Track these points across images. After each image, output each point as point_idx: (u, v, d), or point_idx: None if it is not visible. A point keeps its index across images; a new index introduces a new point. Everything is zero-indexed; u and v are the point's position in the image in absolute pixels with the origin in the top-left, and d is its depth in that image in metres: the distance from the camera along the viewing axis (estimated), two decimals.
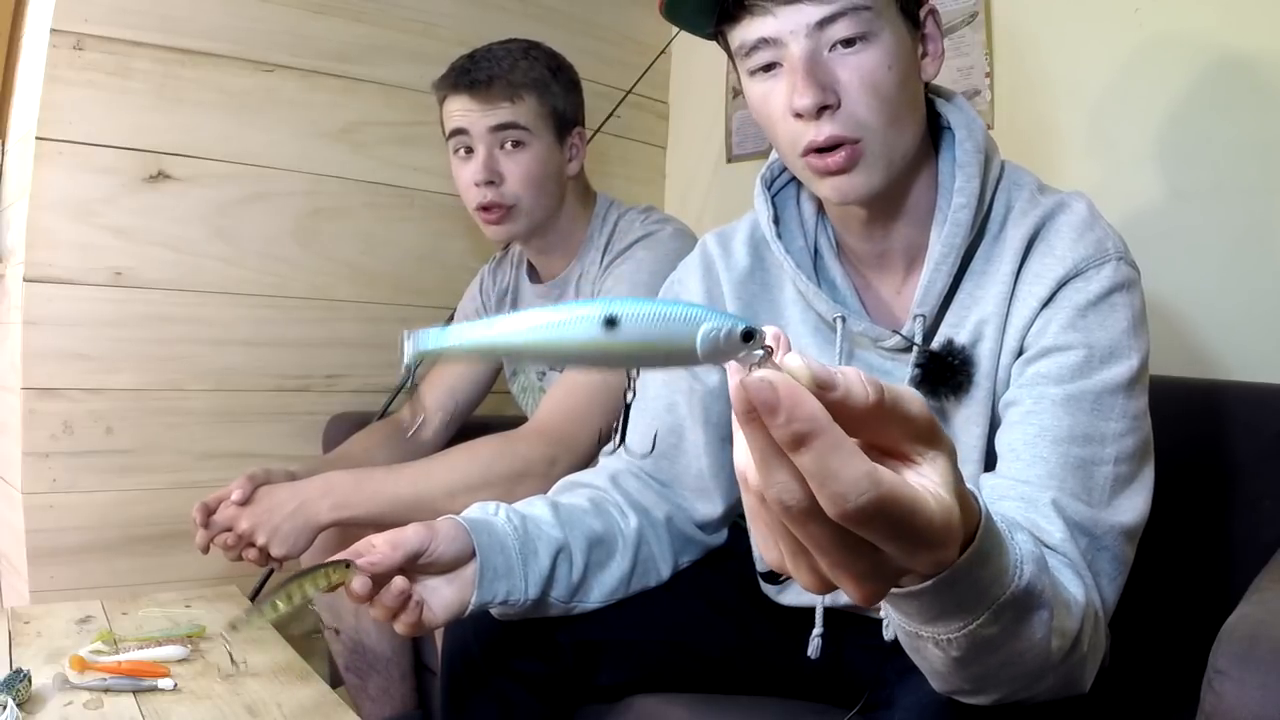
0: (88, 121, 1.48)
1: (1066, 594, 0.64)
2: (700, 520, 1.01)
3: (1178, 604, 1.12)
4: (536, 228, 1.40)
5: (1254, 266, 1.32)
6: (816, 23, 0.78)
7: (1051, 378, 0.78)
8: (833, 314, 0.89)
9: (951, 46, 1.63)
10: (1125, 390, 0.78)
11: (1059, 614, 0.60)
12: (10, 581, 1.59)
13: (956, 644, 0.53)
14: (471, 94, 1.33)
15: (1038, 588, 0.56)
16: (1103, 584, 0.73)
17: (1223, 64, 1.34)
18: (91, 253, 1.50)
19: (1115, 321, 0.79)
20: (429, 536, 0.79)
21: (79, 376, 1.50)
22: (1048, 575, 0.59)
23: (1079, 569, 0.71)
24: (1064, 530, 0.72)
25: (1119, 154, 1.45)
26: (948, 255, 0.83)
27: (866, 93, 0.79)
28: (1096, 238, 0.81)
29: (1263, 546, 1.00)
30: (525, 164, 1.34)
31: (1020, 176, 0.88)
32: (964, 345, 0.83)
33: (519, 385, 1.56)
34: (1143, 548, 1.16)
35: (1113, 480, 0.76)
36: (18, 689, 0.93)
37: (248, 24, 1.61)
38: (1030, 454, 0.76)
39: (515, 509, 0.90)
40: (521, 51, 1.36)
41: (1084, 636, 0.64)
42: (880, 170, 0.82)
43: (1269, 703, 0.62)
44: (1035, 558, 0.57)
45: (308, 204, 1.71)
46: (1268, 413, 1.13)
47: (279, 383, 1.70)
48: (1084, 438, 0.76)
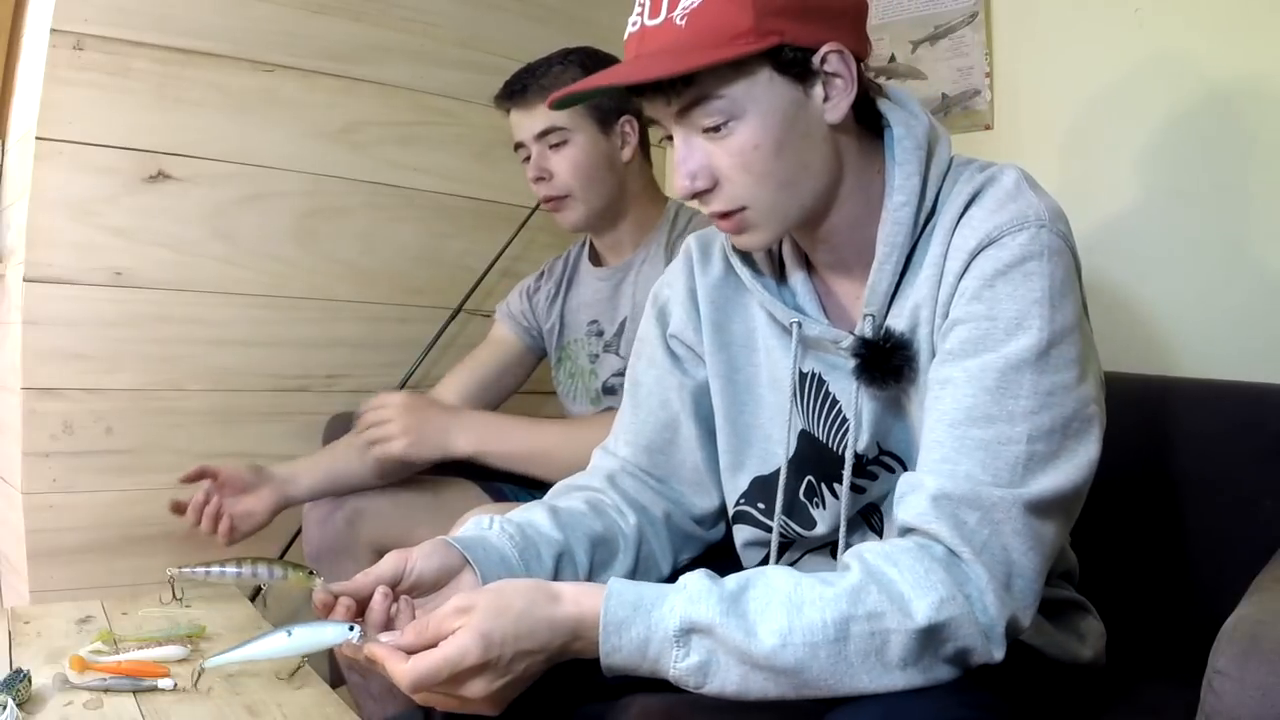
0: (87, 121, 1.48)
1: (896, 590, 0.69)
2: (698, 515, 1.01)
3: (1178, 604, 1.12)
4: (599, 213, 1.45)
5: (1254, 266, 1.32)
6: (677, 113, 0.80)
7: (955, 353, 0.77)
8: (788, 320, 0.90)
9: (951, 46, 1.63)
10: (1035, 364, 0.74)
11: (872, 621, 0.68)
12: (10, 581, 1.59)
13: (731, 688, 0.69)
14: (515, 105, 1.43)
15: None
16: (1014, 558, 0.72)
17: (1222, 64, 1.34)
18: (91, 253, 1.50)
19: (1026, 291, 0.75)
20: (402, 561, 0.80)
21: (79, 376, 1.50)
22: (844, 598, 0.69)
23: (955, 550, 0.71)
24: (933, 509, 0.72)
25: (1119, 154, 1.45)
26: (890, 254, 0.83)
27: (739, 173, 0.81)
28: (1018, 207, 0.78)
29: (1263, 546, 0.99)
30: (570, 158, 1.41)
31: (965, 163, 0.87)
32: (901, 332, 0.83)
33: (565, 371, 1.57)
34: (1143, 547, 1.16)
35: (1026, 459, 0.73)
36: (18, 689, 0.93)
37: (247, 24, 1.61)
38: (929, 439, 0.77)
39: (509, 519, 0.89)
40: (560, 56, 1.43)
41: (939, 626, 0.68)
42: (773, 227, 0.84)
43: (1269, 703, 0.62)
44: (786, 597, 0.69)
45: (307, 204, 1.71)
46: (1268, 413, 1.13)
47: (278, 383, 1.70)
48: (986, 418, 0.74)
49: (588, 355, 1.53)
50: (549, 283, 1.60)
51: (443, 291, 1.71)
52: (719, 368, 0.97)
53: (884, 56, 1.72)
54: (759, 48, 0.76)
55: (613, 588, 0.71)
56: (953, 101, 1.64)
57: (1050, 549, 0.75)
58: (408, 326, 1.79)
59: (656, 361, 1.02)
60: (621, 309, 1.49)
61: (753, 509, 0.97)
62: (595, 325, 1.53)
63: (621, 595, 0.71)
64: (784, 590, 0.70)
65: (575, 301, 1.57)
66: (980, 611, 0.70)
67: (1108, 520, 1.18)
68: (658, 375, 1.01)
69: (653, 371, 1.02)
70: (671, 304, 1.01)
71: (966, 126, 1.62)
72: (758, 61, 0.78)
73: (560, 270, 1.60)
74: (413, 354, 1.65)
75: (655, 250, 1.45)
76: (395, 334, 1.79)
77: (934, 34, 1.66)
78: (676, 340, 1.00)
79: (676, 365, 1.00)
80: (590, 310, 1.54)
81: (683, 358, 1.00)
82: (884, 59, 1.72)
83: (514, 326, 1.61)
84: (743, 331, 0.97)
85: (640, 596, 0.71)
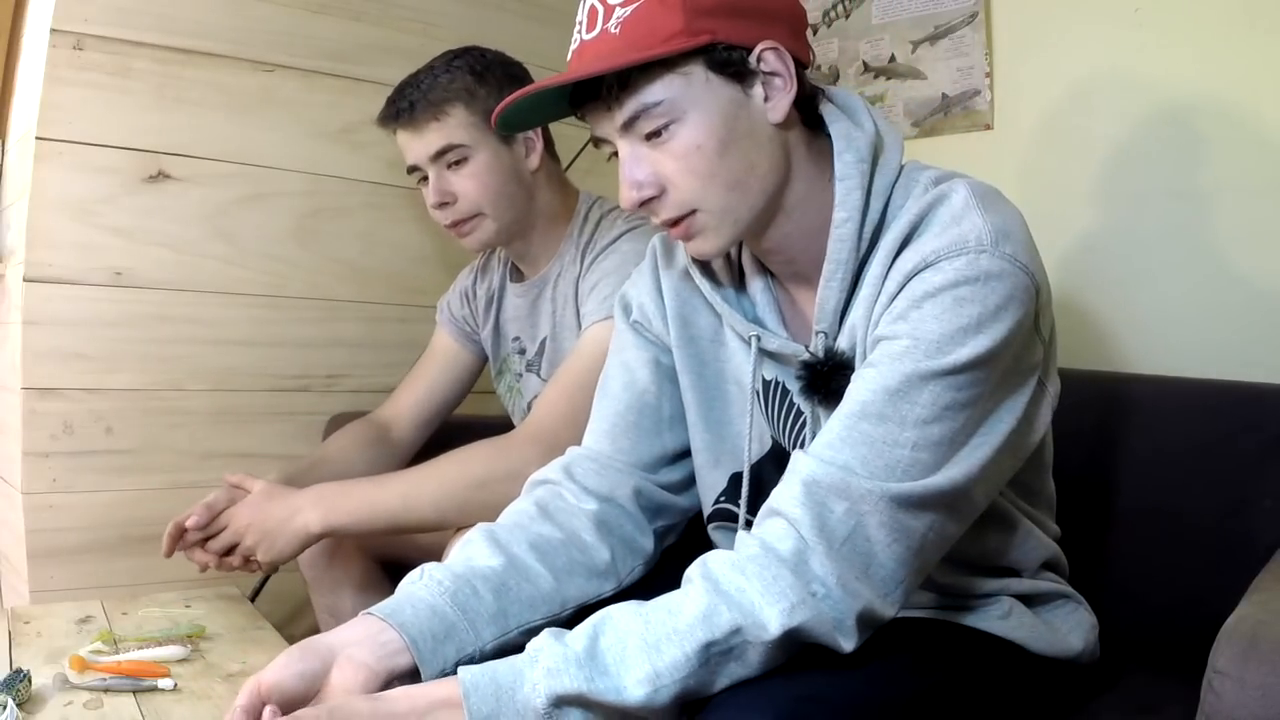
0: (88, 121, 1.48)
1: (746, 601, 0.71)
2: (666, 483, 0.99)
3: (1178, 604, 1.12)
4: (510, 229, 1.38)
5: (1254, 266, 1.32)
6: (621, 126, 0.82)
7: (871, 363, 0.78)
8: (747, 333, 0.90)
9: (951, 46, 1.63)
10: (943, 380, 0.74)
11: (730, 638, 0.70)
12: (10, 581, 1.59)
13: None
14: (403, 126, 1.32)
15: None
16: (875, 550, 0.73)
17: (1222, 64, 1.34)
18: (91, 253, 1.50)
19: (954, 316, 0.74)
20: (256, 686, 0.74)
21: (79, 376, 1.50)
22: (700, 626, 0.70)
23: (809, 542, 0.72)
24: (801, 496, 0.73)
25: (1119, 154, 1.45)
26: (835, 271, 0.83)
27: (686, 177, 0.81)
28: (960, 231, 0.77)
29: (1263, 546, 1.00)
30: (473, 176, 1.32)
31: (918, 174, 0.86)
32: (842, 351, 0.84)
33: (504, 385, 1.54)
34: (1143, 547, 1.16)
35: (907, 464, 0.74)
36: (18, 689, 0.93)
37: (248, 24, 1.61)
38: (826, 424, 0.78)
39: (441, 565, 0.86)
40: (443, 66, 1.32)
41: (793, 631, 0.70)
42: (725, 230, 0.84)
43: (1269, 703, 0.62)
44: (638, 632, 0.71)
45: (307, 204, 1.71)
46: (1268, 413, 1.13)
47: (278, 383, 1.70)
48: (878, 416, 0.75)
49: (514, 373, 1.50)
50: (483, 285, 1.55)
51: (442, 291, 1.70)
52: (687, 362, 0.97)
53: (884, 56, 1.72)
54: (690, 44, 0.78)
55: (466, 685, 0.69)
56: (953, 101, 1.64)
57: (921, 541, 0.75)
58: (408, 326, 1.79)
59: (622, 346, 1.01)
60: (541, 327, 1.43)
61: (733, 505, 0.96)
62: (519, 342, 1.48)
63: (478, 687, 0.69)
64: (635, 632, 0.71)
65: (504, 315, 1.52)
66: (830, 607, 0.71)
67: (1108, 520, 1.18)
68: (622, 360, 1.01)
69: (617, 359, 1.01)
70: (637, 298, 1.01)
71: (966, 126, 1.62)
72: (692, 60, 0.80)
73: (494, 272, 1.54)
74: (413, 354, 1.65)
75: (570, 258, 1.38)
76: (395, 334, 1.79)
77: (934, 34, 1.66)
78: (642, 325, 1.00)
79: (643, 343, 1.00)
80: (513, 326, 1.49)
81: (650, 339, 1.00)
82: (884, 59, 1.72)
83: (456, 333, 1.57)
84: (710, 326, 0.97)
85: (497, 684, 0.70)
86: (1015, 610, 0.91)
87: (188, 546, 1.23)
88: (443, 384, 1.56)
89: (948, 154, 1.63)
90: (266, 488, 1.22)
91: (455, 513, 1.16)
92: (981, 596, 0.91)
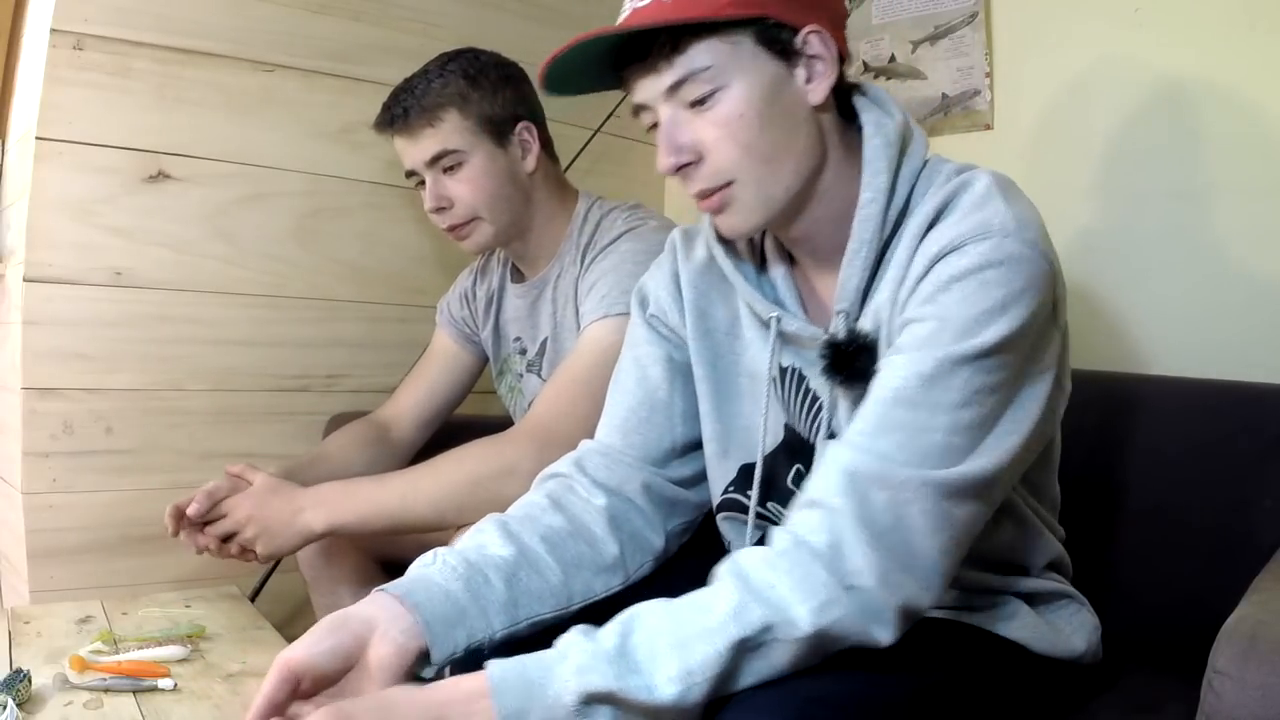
0: (88, 121, 1.48)
1: (777, 598, 0.70)
2: (678, 479, 0.99)
3: (1178, 604, 1.12)
4: (508, 231, 1.38)
5: (1255, 266, 1.32)
6: (667, 89, 0.83)
7: (902, 347, 0.78)
8: (767, 314, 0.91)
9: (951, 46, 1.63)
10: (973, 363, 0.75)
11: (761, 634, 0.70)
12: (10, 581, 1.59)
13: None
14: (398, 132, 1.33)
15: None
16: (917, 540, 0.73)
17: (1222, 63, 1.34)
18: (91, 253, 1.50)
19: (981, 298, 0.75)
20: (286, 669, 0.72)
21: (79, 376, 1.50)
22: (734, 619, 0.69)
23: (851, 532, 0.72)
24: (843, 485, 0.73)
25: (1119, 154, 1.45)
26: (859, 251, 0.84)
27: (726, 144, 0.83)
28: (984, 215, 0.78)
29: (1263, 546, 1.00)
30: (468, 181, 1.33)
31: (940, 165, 0.88)
32: (866, 333, 0.84)
33: (505, 385, 1.54)
34: (1143, 547, 1.16)
35: (943, 449, 0.74)
36: (18, 689, 0.94)
37: (248, 24, 1.61)
38: (859, 412, 0.78)
39: (454, 550, 0.86)
40: (437, 70, 1.33)
41: (824, 630, 0.70)
42: (758, 207, 0.85)
43: (1269, 703, 0.62)
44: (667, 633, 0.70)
45: (308, 204, 1.71)
46: (1268, 413, 1.13)
47: (278, 383, 1.70)
48: (910, 402, 0.75)
49: (515, 374, 1.50)
50: (483, 286, 1.55)
51: (442, 291, 1.70)
52: (703, 354, 0.97)
53: (884, 56, 1.72)
54: (743, 14, 0.80)
55: (494, 680, 0.68)
56: (953, 101, 1.64)
57: (961, 531, 0.75)
58: (408, 326, 1.79)
59: (636, 341, 1.02)
60: (542, 327, 1.44)
61: (742, 496, 0.96)
62: (520, 343, 1.49)
63: (506, 682, 0.68)
64: (666, 629, 0.71)
65: (504, 316, 1.52)
66: (866, 601, 0.71)
67: (1107, 519, 1.18)
68: (635, 355, 1.01)
69: (630, 354, 1.02)
70: (654, 291, 1.01)
71: (966, 126, 1.62)
72: (741, 30, 0.82)
73: (494, 273, 1.54)
74: (413, 354, 1.65)
75: (570, 259, 1.38)
76: (395, 334, 1.79)
77: (934, 34, 1.66)
78: (658, 320, 1.00)
79: (657, 339, 1.00)
80: (514, 326, 1.50)
81: (664, 335, 1.00)
82: (884, 59, 1.72)
83: (456, 334, 1.57)
84: (726, 319, 0.97)
85: (527, 679, 0.69)
86: (1020, 611, 0.91)
87: (188, 528, 1.23)
88: (443, 385, 1.57)
89: (948, 154, 1.58)
90: (268, 481, 1.22)
91: (453, 511, 1.16)
92: (988, 594, 0.91)
